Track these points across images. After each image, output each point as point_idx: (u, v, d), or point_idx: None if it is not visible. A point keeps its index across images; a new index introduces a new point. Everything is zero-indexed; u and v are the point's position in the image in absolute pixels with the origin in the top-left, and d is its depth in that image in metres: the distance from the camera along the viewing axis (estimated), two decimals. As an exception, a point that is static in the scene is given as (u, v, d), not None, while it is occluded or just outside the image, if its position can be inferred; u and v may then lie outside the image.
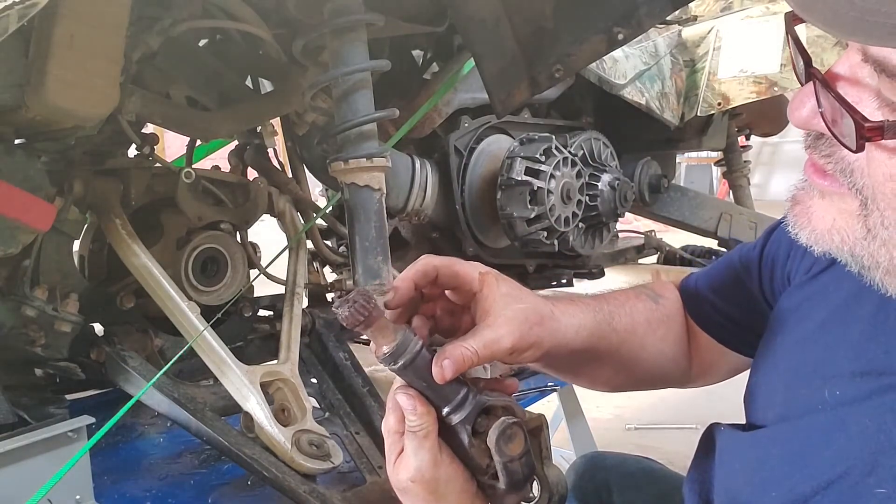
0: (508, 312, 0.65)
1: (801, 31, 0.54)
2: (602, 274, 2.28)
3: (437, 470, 0.62)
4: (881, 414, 0.52)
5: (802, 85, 0.51)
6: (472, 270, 0.68)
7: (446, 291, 0.69)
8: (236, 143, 1.65)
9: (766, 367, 0.69)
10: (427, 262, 0.67)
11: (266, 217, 1.53)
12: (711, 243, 2.62)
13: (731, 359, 0.83)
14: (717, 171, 6.06)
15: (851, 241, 0.51)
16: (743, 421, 0.71)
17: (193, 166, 1.40)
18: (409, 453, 0.62)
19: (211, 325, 1.18)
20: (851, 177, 0.49)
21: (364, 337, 0.59)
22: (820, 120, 0.49)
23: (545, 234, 1.76)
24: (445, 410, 0.62)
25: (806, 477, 0.55)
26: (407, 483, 0.62)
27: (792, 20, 0.53)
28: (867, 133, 0.45)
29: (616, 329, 0.78)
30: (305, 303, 1.45)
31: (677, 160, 3.05)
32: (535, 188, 1.71)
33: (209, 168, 1.50)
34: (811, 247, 0.54)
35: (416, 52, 1.83)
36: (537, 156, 1.73)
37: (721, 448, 0.68)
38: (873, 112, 0.46)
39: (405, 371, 0.61)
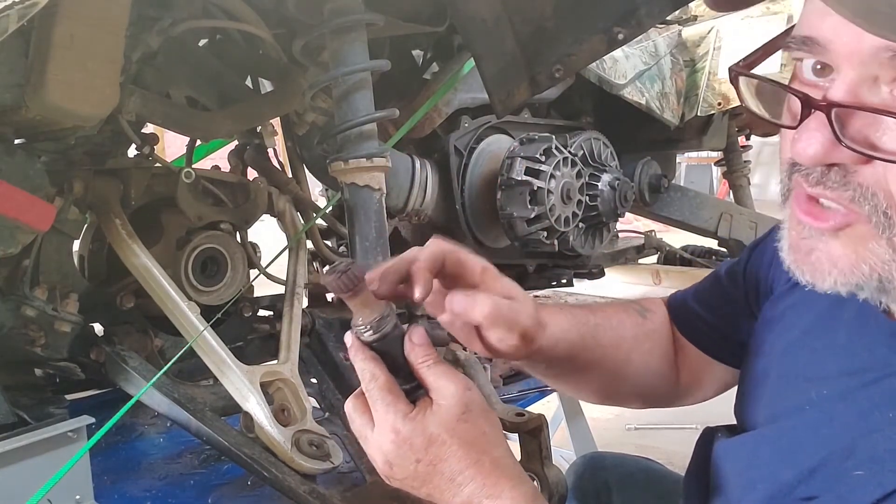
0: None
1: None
2: (602, 274, 2.28)
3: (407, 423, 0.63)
4: (862, 404, 0.54)
5: (796, 125, 0.50)
6: (476, 263, 0.70)
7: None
8: (236, 143, 1.65)
9: (755, 375, 0.71)
10: (438, 250, 0.67)
11: (266, 217, 1.53)
12: (711, 243, 2.62)
13: (717, 372, 0.84)
14: (717, 171, 6.06)
15: (880, 266, 0.49)
16: None
17: (193, 166, 1.39)
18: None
19: (211, 325, 1.18)
20: (874, 199, 0.48)
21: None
22: (839, 149, 0.47)
23: (545, 234, 1.76)
24: (410, 386, 0.64)
25: (791, 468, 0.56)
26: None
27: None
28: None
29: (601, 343, 0.80)
30: (305, 303, 1.45)
31: (677, 160, 3.05)
32: (535, 188, 1.70)
33: (209, 168, 1.50)
34: (837, 290, 0.52)
35: (416, 52, 1.83)
36: (537, 156, 1.72)
37: (716, 453, 0.69)
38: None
39: (380, 343, 0.63)
